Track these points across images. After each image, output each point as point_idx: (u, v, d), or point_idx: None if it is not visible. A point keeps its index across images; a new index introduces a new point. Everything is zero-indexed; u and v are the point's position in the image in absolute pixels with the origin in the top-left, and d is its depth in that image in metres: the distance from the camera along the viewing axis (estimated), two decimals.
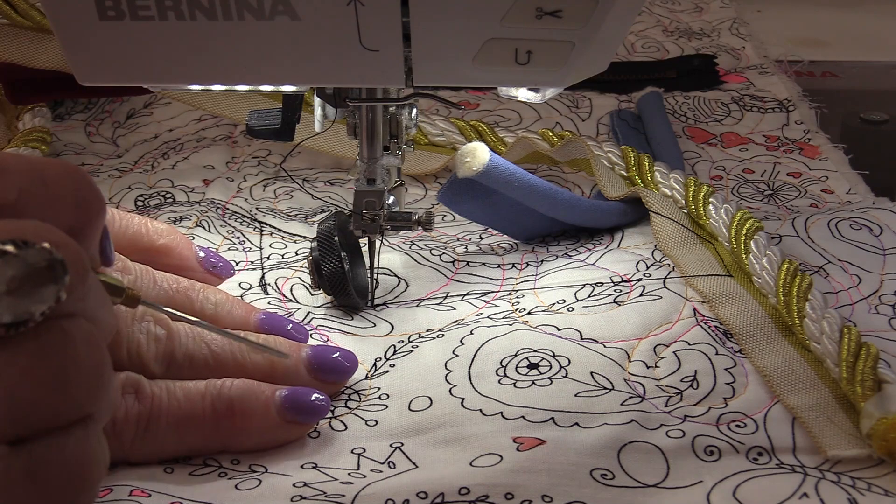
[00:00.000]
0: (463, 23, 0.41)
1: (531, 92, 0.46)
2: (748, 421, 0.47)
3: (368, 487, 0.44)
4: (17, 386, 0.31)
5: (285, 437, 0.47)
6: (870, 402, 0.45)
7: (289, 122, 0.56)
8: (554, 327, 0.53)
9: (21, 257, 0.30)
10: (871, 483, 0.43)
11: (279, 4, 0.41)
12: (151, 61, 0.43)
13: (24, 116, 0.75)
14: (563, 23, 0.40)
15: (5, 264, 0.30)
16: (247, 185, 0.71)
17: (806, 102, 0.82)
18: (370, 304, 0.57)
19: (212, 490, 0.44)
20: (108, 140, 0.80)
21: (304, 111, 0.57)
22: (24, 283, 0.30)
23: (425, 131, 0.72)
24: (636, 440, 0.46)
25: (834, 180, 0.71)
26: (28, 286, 0.31)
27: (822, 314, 0.50)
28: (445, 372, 0.51)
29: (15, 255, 0.30)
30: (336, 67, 0.43)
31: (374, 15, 0.41)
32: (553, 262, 0.60)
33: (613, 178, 0.65)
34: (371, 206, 0.54)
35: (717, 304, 0.53)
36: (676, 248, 0.58)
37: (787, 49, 0.92)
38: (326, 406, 0.47)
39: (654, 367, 0.50)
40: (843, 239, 0.59)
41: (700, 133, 0.78)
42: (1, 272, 0.30)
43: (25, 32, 0.73)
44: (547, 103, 0.81)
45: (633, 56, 0.92)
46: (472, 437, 0.47)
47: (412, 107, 0.55)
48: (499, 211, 0.61)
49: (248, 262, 0.62)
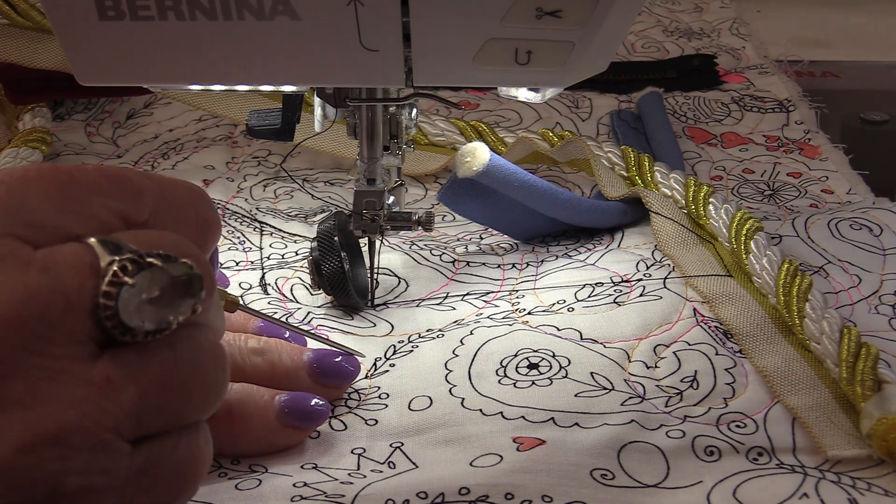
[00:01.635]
0: (463, 23, 0.41)
1: (531, 92, 0.46)
2: (748, 421, 0.47)
3: (368, 487, 0.44)
4: (148, 389, 0.33)
5: (284, 442, 0.47)
6: (870, 403, 0.45)
7: (289, 122, 0.56)
8: (554, 327, 0.53)
9: (165, 270, 0.32)
10: (871, 483, 0.43)
11: (279, 4, 0.41)
12: (151, 61, 0.43)
13: (24, 116, 0.75)
14: (563, 23, 0.40)
15: (150, 276, 0.32)
16: (247, 185, 0.71)
17: (806, 102, 0.82)
18: (370, 304, 0.57)
19: (212, 490, 0.44)
20: (108, 140, 0.80)
21: (304, 111, 0.57)
22: (166, 294, 0.32)
23: (425, 131, 0.72)
24: (636, 440, 0.46)
25: (834, 180, 0.71)
26: (169, 298, 0.33)
27: (822, 314, 0.50)
28: (445, 372, 0.51)
29: (160, 267, 0.32)
30: (336, 67, 0.43)
31: (374, 15, 0.41)
32: (553, 262, 0.60)
33: (613, 178, 0.65)
34: (371, 206, 0.54)
35: (717, 305, 0.53)
36: (676, 248, 0.58)
37: (787, 49, 0.92)
38: (326, 411, 0.47)
39: (654, 368, 0.50)
40: (843, 239, 0.59)
41: (700, 133, 0.78)
42: (147, 283, 0.32)
43: (25, 32, 0.73)
44: (547, 103, 0.81)
45: (633, 56, 0.92)
46: (472, 437, 0.47)
47: (412, 107, 0.55)
48: (499, 211, 0.61)
49: (248, 262, 0.62)
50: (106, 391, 0.32)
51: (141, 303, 0.32)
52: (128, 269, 0.32)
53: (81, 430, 0.31)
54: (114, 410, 0.32)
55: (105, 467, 0.32)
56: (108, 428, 0.32)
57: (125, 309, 0.32)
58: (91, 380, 0.31)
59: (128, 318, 0.32)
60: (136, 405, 0.32)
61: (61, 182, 0.33)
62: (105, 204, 0.34)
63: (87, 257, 0.32)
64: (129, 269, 0.32)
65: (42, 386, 0.31)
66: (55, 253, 0.32)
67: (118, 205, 0.34)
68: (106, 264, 0.32)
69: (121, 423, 0.32)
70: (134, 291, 0.32)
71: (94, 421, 0.31)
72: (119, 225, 0.34)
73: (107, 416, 0.32)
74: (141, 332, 0.32)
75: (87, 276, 0.32)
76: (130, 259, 0.32)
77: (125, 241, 0.33)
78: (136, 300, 0.32)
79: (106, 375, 0.32)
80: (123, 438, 0.32)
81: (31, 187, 0.33)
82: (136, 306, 0.32)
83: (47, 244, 0.32)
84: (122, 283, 0.32)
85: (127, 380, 0.32)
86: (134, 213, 0.34)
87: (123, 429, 0.32)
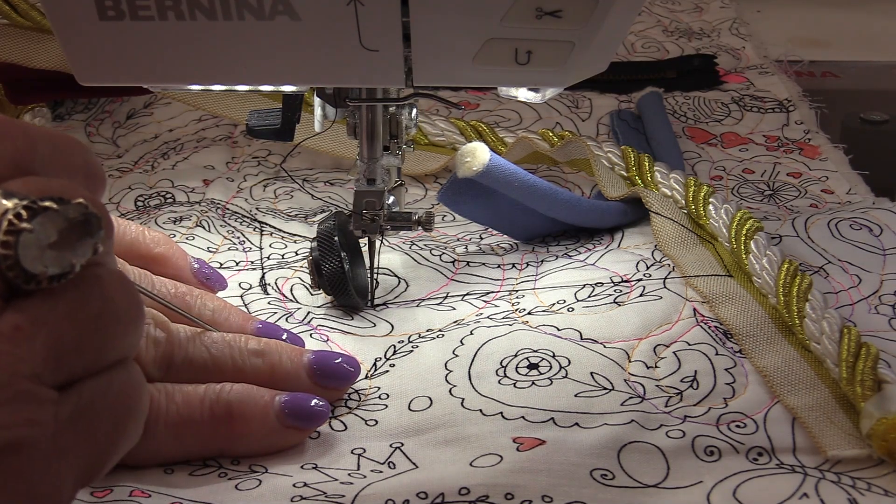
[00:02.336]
0: (463, 23, 0.41)
1: (531, 92, 0.46)
2: (748, 421, 0.47)
3: (368, 488, 0.44)
4: (60, 331, 0.32)
5: (284, 443, 0.46)
6: (870, 402, 0.45)
7: (289, 122, 0.56)
8: (554, 327, 0.53)
9: (61, 213, 0.32)
10: (871, 483, 0.43)
11: (279, 4, 0.41)
12: (151, 61, 0.43)
13: (24, 116, 0.75)
14: (563, 23, 0.40)
15: (46, 220, 0.31)
16: (247, 185, 0.71)
17: (806, 102, 0.82)
18: (370, 304, 0.57)
19: (212, 490, 0.44)
20: (108, 140, 0.80)
21: (304, 111, 0.57)
22: (65, 237, 0.32)
23: (425, 131, 0.72)
24: (636, 440, 0.46)
25: (834, 180, 0.71)
26: (68, 240, 0.32)
27: (822, 314, 0.50)
28: (445, 372, 0.51)
29: (55, 210, 0.31)
30: (336, 67, 0.42)
31: (374, 15, 0.41)
32: (553, 262, 0.60)
33: (613, 178, 0.65)
34: (371, 206, 0.54)
35: (717, 305, 0.53)
36: (676, 248, 0.58)
37: (787, 49, 0.92)
38: (326, 412, 0.47)
39: (654, 368, 0.50)
40: (843, 239, 0.59)
41: (700, 133, 0.78)
42: (44, 227, 0.31)
43: (25, 32, 0.73)
44: (547, 103, 0.81)
45: (633, 56, 0.92)
46: (472, 437, 0.47)
47: (412, 107, 0.55)
48: (499, 211, 0.61)
49: (248, 262, 0.62)
50: (16, 340, 0.31)
51: (41, 248, 0.31)
52: (22, 215, 0.31)
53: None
54: (29, 358, 0.31)
55: (30, 417, 0.31)
56: (25, 377, 0.31)
57: (26, 256, 0.31)
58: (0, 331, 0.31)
59: (30, 265, 0.31)
60: (52, 349, 0.32)
61: None
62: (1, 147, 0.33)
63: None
64: (25, 216, 0.31)
65: None
66: None
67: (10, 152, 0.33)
68: (1, 213, 0.31)
69: (39, 370, 0.31)
70: (32, 237, 0.31)
71: (9, 372, 0.31)
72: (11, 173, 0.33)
73: (22, 364, 0.31)
74: (45, 277, 0.31)
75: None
76: (25, 206, 0.31)
77: (18, 189, 0.32)
78: (36, 245, 0.31)
79: (14, 324, 0.31)
80: (46, 385, 0.32)
81: None
82: (37, 252, 0.31)
83: None
84: (19, 230, 0.31)
85: (36, 325, 0.31)
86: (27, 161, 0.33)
87: (44, 376, 0.32)
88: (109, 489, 0.43)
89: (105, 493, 0.43)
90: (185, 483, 0.45)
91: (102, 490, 0.43)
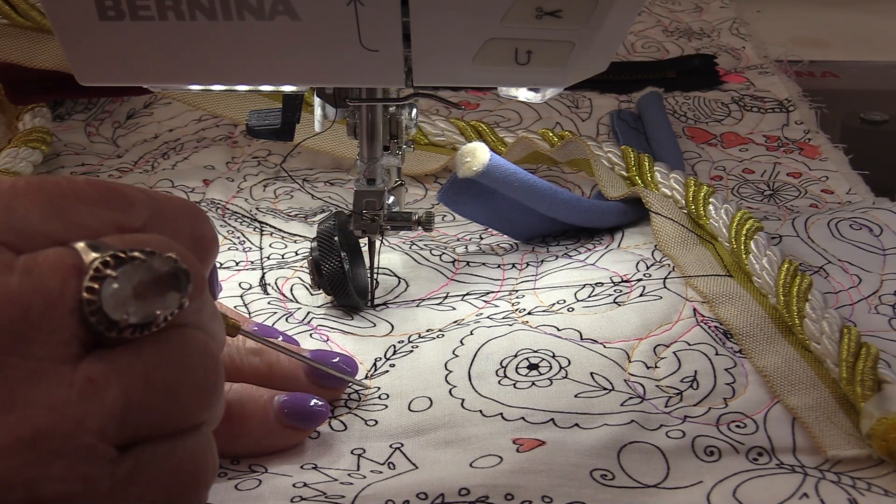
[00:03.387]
0: (463, 23, 0.41)
1: (531, 92, 0.46)
2: (748, 421, 0.47)
3: (368, 488, 0.44)
4: (134, 389, 0.32)
5: (283, 443, 0.46)
6: (870, 403, 0.45)
7: (289, 122, 0.56)
8: (554, 328, 0.53)
9: (148, 263, 0.32)
10: (871, 483, 0.43)
11: (279, 4, 0.41)
12: (151, 61, 0.43)
13: (24, 116, 0.75)
14: (563, 23, 0.40)
15: (134, 269, 0.32)
16: (247, 185, 0.71)
17: (806, 102, 0.82)
18: (370, 304, 0.57)
19: (212, 490, 0.44)
20: (108, 140, 0.80)
21: (304, 111, 0.57)
22: (150, 288, 0.32)
23: (425, 131, 0.72)
24: (636, 441, 0.46)
25: (834, 180, 0.71)
26: (153, 292, 0.32)
27: (822, 314, 0.50)
28: (445, 372, 0.51)
29: (143, 260, 0.32)
30: (336, 67, 0.42)
31: (374, 15, 0.41)
32: (553, 262, 0.60)
33: (613, 178, 0.64)
34: (371, 206, 0.54)
35: (717, 305, 0.53)
36: (676, 248, 0.58)
37: (787, 49, 0.92)
38: (325, 412, 0.47)
39: (654, 368, 0.50)
40: (843, 239, 0.59)
41: (700, 133, 0.78)
42: (129, 276, 0.32)
43: (25, 32, 0.73)
44: (547, 103, 0.81)
45: (633, 56, 0.92)
46: (472, 438, 0.47)
47: (412, 107, 0.55)
48: (499, 211, 0.61)
49: (248, 262, 0.62)
50: (88, 393, 0.31)
51: (125, 296, 0.31)
52: (110, 263, 0.31)
53: (60, 433, 0.30)
54: (96, 413, 0.31)
55: (86, 473, 0.31)
56: (89, 431, 0.31)
57: (108, 302, 0.31)
58: (73, 381, 0.31)
59: (111, 312, 0.31)
60: (121, 407, 0.31)
61: (50, 191, 0.33)
62: (93, 213, 0.33)
63: (70, 258, 0.31)
64: (112, 263, 0.31)
65: (21, 389, 0.30)
66: (38, 256, 0.31)
67: (108, 214, 0.34)
68: (89, 261, 0.32)
69: (104, 426, 0.31)
70: (116, 284, 0.31)
71: (74, 424, 0.30)
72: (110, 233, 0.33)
73: (88, 418, 0.31)
74: (126, 325, 0.32)
75: (70, 276, 0.31)
76: (112, 254, 0.32)
77: (111, 243, 0.33)
78: (120, 293, 0.31)
79: (88, 376, 0.31)
80: (108, 443, 0.31)
81: (19, 195, 0.32)
82: (120, 299, 0.31)
83: (33, 251, 0.32)
84: (104, 276, 0.31)
85: (110, 380, 0.31)
86: (125, 222, 0.34)
87: (108, 433, 0.31)
88: None
89: None
90: None
91: None
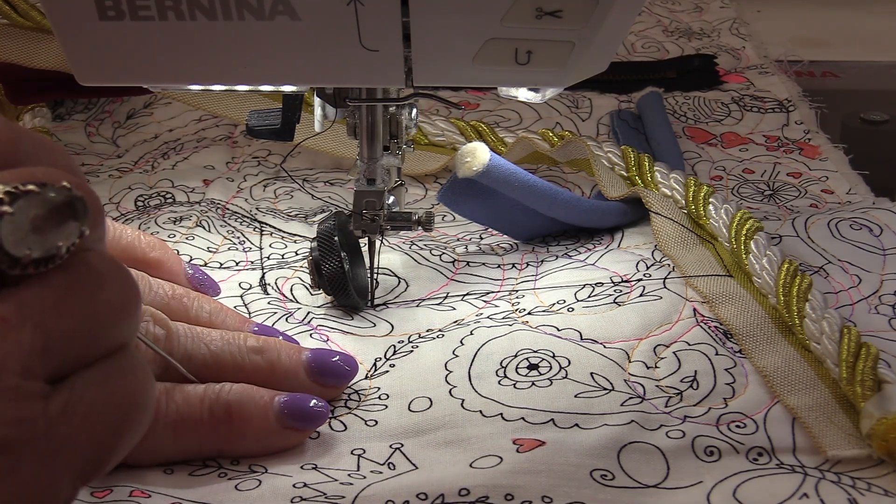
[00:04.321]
0: (463, 23, 0.41)
1: (531, 92, 0.46)
2: (748, 421, 0.47)
3: (368, 488, 0.44)
4: (49, 320, 0.31)
5: (283, 443, 0.46)
6: (870, 403, 0.45)
7: (289, 122, 0.56)
8: (554, 328, 0.53)
9: (43, 195, 0.31)
10: (871, 483, 0.43)
11: (279, 4, 0.41)
12: (151, 61, 0.43)
13: (24, 116, 0.75)
14: (563, 23, 0.40)
15: (28, 203, 0.31)
16: (247, 185, 0.71)
17: (806, 102, 0.82)
18: (370, 304, 0.57)
19: (212, 491, 0.44)
20: (108, 140, 0.80)
21: (304, 111, 0.57)
22: (48, 220, 0.31)
23: (425, 131, 0.72)
24: (636, 441, 0.46)
25: (834, 180, 0.71)
26: (52, 223, 0.31)
27: (822, 314, 0.50)
28: (445, 373, 0.51)
29: (37, 193, 0.31)
30: (336, 67, 0.42)
31: (374, 15, 0.41)
32: (553, 262, 0.60)
33: (613, 178, 0.64)
34: (371, 206, 0.54)
35: (717, 305, 0.53)
36: (676, 248, 0.58)
37: (787, 49, 0.92)
38: (325, 413, 0.47)
39: (654, 368, 0.50)
40: (843, 239, 0.59)
41: (700, 133, 0.78)
42: (25, 211, 0.31)
43: (25, 32, 0.73)
44: (547, 103, 0.81)
45: (633, 56, 0.92)
46: (472, 438, 0.47)
47: (412, 107, 0.55)
48: (499, 211, 0.61)
49: (248, 262, 0.62)
50: (2, 332, 0.30)
51: (24, 231, 0.31)
52: (3, 200, 0.31)
53: None
54: (15, 351, 0.30)
55: (17, 416, 0.30)
56: (11, 371, 0.30)
57: (8, 239, 0.31)
58: None
59: (13, 249, 0.31)
60: (40, 339, 0.30)
61: None
62: None
63: None
64: (6, 200, 0.31)
65: None
66: None
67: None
68: None
69: (27, 364, 0.30)
70: (14, 220, 0.31)
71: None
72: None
73: (8, 359, 0.30)
74: (29, 261, 0.31)
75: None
76: (6, 191, 0.31)
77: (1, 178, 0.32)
78: (18, 228, 0.31)
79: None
80: (36, 379, 0.30)
81: None
82: (20, 235, 0.31)
83: None
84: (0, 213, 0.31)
85: (23, 316, 0.30)
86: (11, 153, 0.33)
87: (32, 370, 0.30)
88: (109, 489, 0.43)
89: (105, 494, 0.43)
90: (185, 483, 0.45)
91: (102, 490, 0.43)
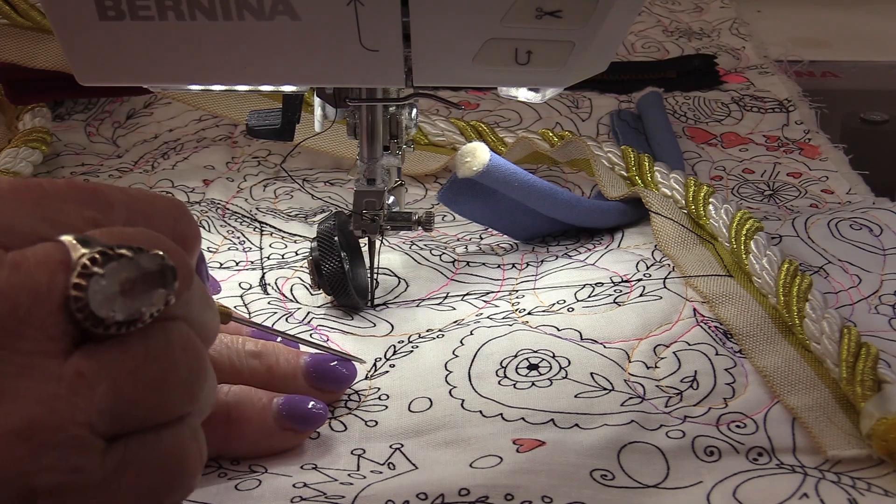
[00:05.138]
0: (463, 23, 0.41)
1: (531, 92, 0.46)
2: (748, 421, 0.47)
3: (368, 488, 0.44)
4: (123, 384, 0.32)
5: (282, 445, 0.46)
6: (870, 403, 0.45)
7: (289, 122, 0.56)
8: (554, 328, 0.53)
9: (135, 261, 0.32)
10: (871, 483, 0.43)
11: (279, 4, 0.41)
12: (151, 61, 0.43)
13: (24, 116, 0.75)
14: (563, 23, 0.40)
15: (120, 266, 0.32)
16: (247, 185, 0.71)
17: (806, 102, 0.82)
18: (370, 304, 0.57)
19: (212, 490, 0.44)
20: (108, 140, 0.80)
21: (304, 111, 0.57)
22: (137, 285, 0.32)
23: (425, 131, 0.72)
24: (636, 441, 0.46)
25: (834, 180, 0.71)
26: (140, 289, 0.32)
27: (822, 314, 0.50)
28: (445, 373, 0.51)
29: (130, 258, 0.32)
30: (336, 67, 0.43)
31: (374, 15, 0.41)
32: (553, 263, 0.60)
33: (613, 178, 0.64)
34: (371, 206, 0.54)
35: (717, 305, 0.53)
36: (676, 248, 0.58)
37: (787, 49, 0.92)
38: (324, 414, 0.47)
39: (654, 368, 0.50)
40: (843, 239, 0.59)
41: (700, 133, 0.78)
42: (116, 274, 0.32)
43: (25, 32, 0.73)
44: (547, 103, 0.81)
45: (633, 56, 0.92)
46: (472, 438, 0.47)
47: (412, 107, 0.55)
48: (499, 211, 0.61)
49: (248, 262, 0.62)
50: (77, 386, 0.31)
51: (111, 293, 0.32)
52: (97, 260, 0.32)
53: (50, 426, 0.31)
54: (85, 406, 0.31)
55: (77, 465, 0.31)
56: (79, 424, 0.31)
57: (95, 299, 0.32)
58: (61, 375, 0.31)
59: (98, 309, 0.32)
60: (110, 400, 0.32)
61: (35, 192, 0.33)
62: (77, 211, 0.34)
63: (58, 254, 0.32)
64: (99, 261, 0.32)
65: (10, 382, 0.31)
66: (26, 252, 0.32)
67: (90, 213, 0.34)
68: (77, 258, 0.32)
69: (94, 419, 0.32)
70: (103, 281, 0.32)
71: (64, 417, 0.31)
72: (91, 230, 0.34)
73: (78, 411, 0.31)
74: (112, 323, 0.32)
75: (58, 271, 0.32)
76: (100, 251, 0.32)
77: (97, 238, 0.33)
78: (107, 290, 0.32)
79: (77, 370, 0.31)
80: (98, 435, 0.32)
81: (4, 196, 0.33)
82: (107, 297, 0.32)
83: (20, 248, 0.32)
84: (91, 273, 0.32)
85: (99, 375, 0.32)
86: (105, 221, 0.34)
87: (97, 425, 0.32)
88: None
89: None
90: None
91: None
